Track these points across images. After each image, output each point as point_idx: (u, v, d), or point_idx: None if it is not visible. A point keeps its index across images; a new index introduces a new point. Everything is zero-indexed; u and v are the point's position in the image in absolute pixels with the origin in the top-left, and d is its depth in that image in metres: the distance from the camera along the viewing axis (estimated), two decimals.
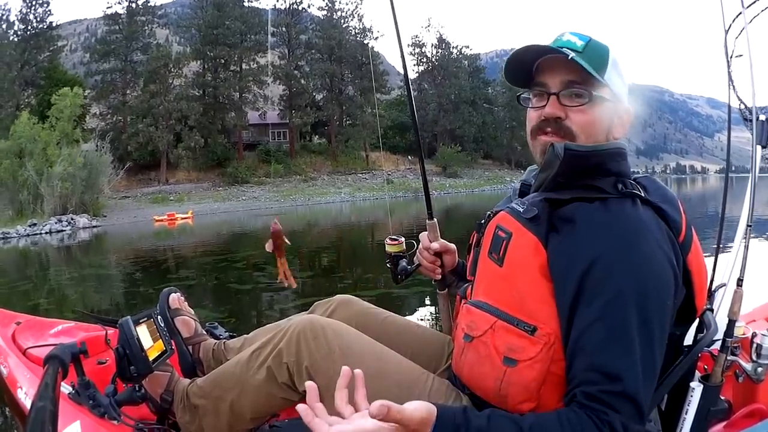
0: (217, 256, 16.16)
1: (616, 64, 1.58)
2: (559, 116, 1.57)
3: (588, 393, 1.31)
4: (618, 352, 1.30)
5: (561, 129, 1.57)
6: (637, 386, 1.28)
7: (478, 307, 1.58)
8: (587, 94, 1.54)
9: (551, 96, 1.58)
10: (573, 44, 1.57)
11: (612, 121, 1.57)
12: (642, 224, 1.40)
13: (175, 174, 64.42)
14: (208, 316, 7.08)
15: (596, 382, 1.30)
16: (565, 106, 1.57)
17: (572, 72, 1.54)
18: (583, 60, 1.52)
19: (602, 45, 1.59)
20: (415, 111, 2.47)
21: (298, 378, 1.89)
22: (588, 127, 1.55)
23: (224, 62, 70.63)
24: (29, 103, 59.91)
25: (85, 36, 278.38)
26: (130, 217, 41.98)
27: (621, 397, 1.27)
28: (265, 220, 32.59)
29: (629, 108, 1.60)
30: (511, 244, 1.51)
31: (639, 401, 1.27)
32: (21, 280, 12.91)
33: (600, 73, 1.53)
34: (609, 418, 1.26)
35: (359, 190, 63.76)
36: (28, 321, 3.10)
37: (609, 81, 1.54)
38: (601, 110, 1.55)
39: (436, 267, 2.27)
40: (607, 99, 1.55)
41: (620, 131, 1.60)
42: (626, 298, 1.32)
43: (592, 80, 1.53)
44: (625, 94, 1.60)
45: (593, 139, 1.56)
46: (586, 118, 1.55)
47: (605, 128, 1.57)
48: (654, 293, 1.34)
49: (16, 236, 29.77)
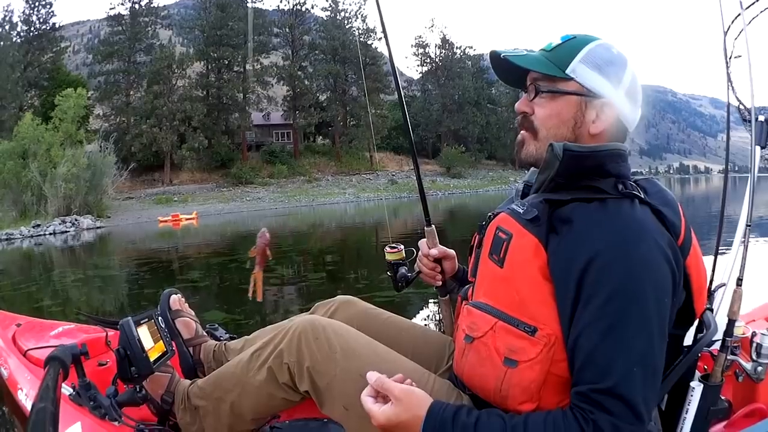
0: (223, 257, 16.16)
1: (595, 57, 1.57)
2: (525, 111, 1.63)
3: (579, 392, 1.32)
4: (613, 351, 1.30)
5: (527, 123, 1.63)
6: (631, 385, 1.28)
7: (479, 308, 1.58)
8: (537, 88, 1.59)
9: (524, 94, 1.65)
10: (549, 45, 1.64)
11: (580, 115, 1.57)
12: (639, 223, 1.39)
13: (179, 175, 64.53)
14: (212, 318, 7.08)
15: (588, 381, 1.31)
16: (531, 103, 1.62)
17: (533, 70, 1.60)
18: (545, 58, 1.60)
19: (583, 41, 1.60)
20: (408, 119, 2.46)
21: (299, 379, 1.90)
22: (547, 120, 1.59)
23: (228, 63, 70.67)
24: (32, 105, 60.14)
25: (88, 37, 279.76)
26: (134, 218, 41.97)
27: (611, 396, 1.27)
28: (269, 221, 32.74)
29: (612, 103, 1.57)
30: (512, 245, 1.51)
31: (632, 400, 1.27)
32: (25, 282, 12.86)
33: (560, 67, 1.56)
34: (595, 417, 1.27)
35: (363, 191, 63.73)
36: (29, 323, 3.10)
37: (574, 74, 1.55)
38: (563, 104, 1.57)
39: (437, 274, 2.27)
40: (572, 92, 1.56)
41: (599, 126, 1.57)
42: (623, 298, 1.32)
43: (551, 76, 1.57)
44: (612, 89, 1.57)
45: (555, 132, 1.58)
46: (544, 111, 1.59)
47: (568, 122, 1.58)
48: (652, 291, 1.34)
49: (20, 237, 29.76)
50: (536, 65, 1.58)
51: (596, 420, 1.26)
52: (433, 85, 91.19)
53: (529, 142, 1.63)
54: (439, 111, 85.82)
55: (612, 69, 1.57)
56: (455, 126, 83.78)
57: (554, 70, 1.56)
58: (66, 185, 37.36)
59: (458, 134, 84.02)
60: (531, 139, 1.62)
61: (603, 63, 1.56)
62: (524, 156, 1.65)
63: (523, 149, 1.65)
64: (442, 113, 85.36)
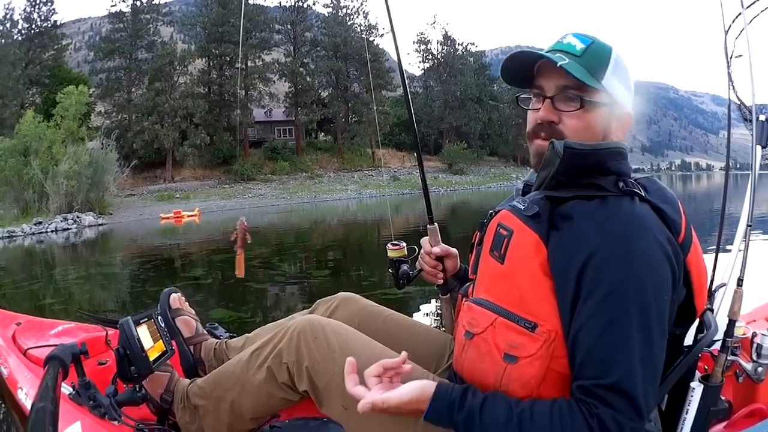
0: (225, 254, 16.14)
1: (618, 67, 1.56)
2: (553, 120, 1.57)
3: (582, 387, 1.32)
4: (613, 347, 1.31)
5: (554, 133, 1.57)
6: (632, 381, 1.29)
7: (479, 304, 1.57)
8: (581, 100, 1.53)
9: (546, 99, 1.58)
10: (572, 47, 1.56)
11: (609, 126, 1.56)
12: (639, 220, 1.39)
13: (181, 172, 64.64)
14: (217, 315, 7.11)
15: (591, 376, 1.32)
16: (559, 110, 1.56)
17: (567, 76, 1.51)
18: (579, 65, 1.51)
19: (604, 47, 1.57)
20: (413, 117, 2.46)
21: (298, 378, 1.90)
22: (580, 132, 1.54)
23: (229, 60, 70.74)
24: (34, 102, 60.31)
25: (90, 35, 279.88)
26: (136, 215, 42.01)
27: (614, 391, 1.28)
28: (271, 218, 32.75)
29: (630, 113, 1.58)
30: (512, 241, 1.51)
31: (635, 396, 1.28)
32: (27, 280, 12.86)
33: (597, 78, 1.52)
34: (599, 411, 1.28)
35: (366, 187, 63.90)
36: (29, 321, 3.09)
37: (607, 86, 1.52)
38: (596, 116, 1.54)
39: (438, 272, 2.26)
40: (604, 104, 1.53)
41: (619, 135, 1.58)
42: (622, 293, 1.32)
43: (587, 85, 1.51)
44: (627, 97, 1.58)
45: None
46: (579, 123, 1.54)
47: (599, 133, 1.55)
48: (651, 288, 1.34)
49: (22, 235, 29.77)
50: (581, 74, 1.50)
51: (600, 414, 1.27)
52: (435, 81, 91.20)
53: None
54: (441, 107, 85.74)
55: (626, 76, 1.59)
56: (457, 122, 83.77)
57: (592, 80, 1.51)
58: (68, 182, 37.35)
59: (460, 131, 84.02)
60: None
61: (623, 71, 1.57)
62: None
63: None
64: (444, 110, 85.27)
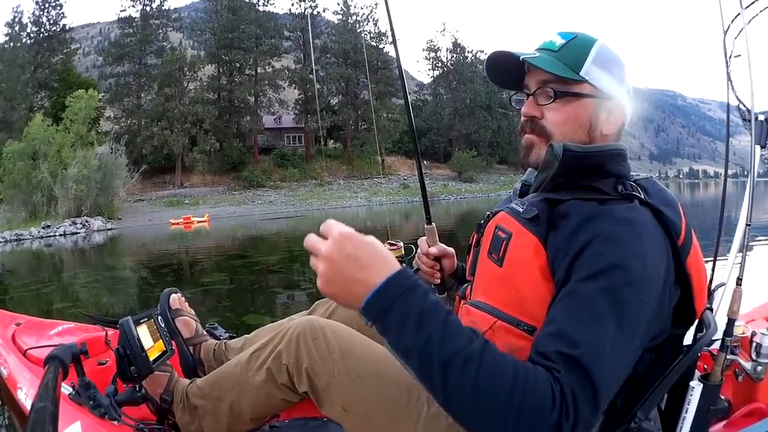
0: (235, 259, 16.16)
1: (602, 57, 1.55)
2: (535, 115, 1.58)
3: (543, 352, 1.24)
4: (582, 323, 1.24)
5: (537, 128, 1.59)
6: (596, 362, 1.20)
7: (478, 307, 1.56)
8: (556, 92, 1.54)
9: (529, 96, 1.61)
10: (552, 44, 1.58)
11: (596, 117, 1.55)
12: (636, 222, 1.37)
13: (190, 177, 64.85)
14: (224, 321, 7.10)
15: (554, 344, 1.23)
16: (540, 105, 1.58)
17: (546, 72, 1.54)
18: (554, 59, 1.54)
19: (587, 40, 1.58)
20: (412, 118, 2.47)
21: (298, 379, 1.90)
22: (562, 125, 1.55)
23: (239, 66, 71.02)
24: (42, 106, 60.61)
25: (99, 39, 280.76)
26: (145, 220, 42.18)
27: (575, 364, 1.19)
28: (281, 224, 32.72)
29: (622, 104, 1.57)
30: (511, 244, 1.49)
31: (594, 379, 1.18)
32: (35, 283, 12.89)
33: (574, 70, 1.52)
34: (561, 377, 1.18)
35: (375, 195, 63.68)
36: (28, 322, 3.11)
37: (588, 77, 1.53)
38: (578, 107, 1.54)
39: (435, 271, 2.26)
40: (587, 95, 1.53)
41: (610, 128, 1.56)
42: (609, 278, 1.27)
43: (565, 78, 1.52)
44: (617, 89, 1.57)
45: (570, 137, 1.55)
46: (559, 116, 1.55)
47: (584, 125, 1.55)
48: (636, 284, 1.29)
49: (30, 238, 29.94)
50: (552, 67, 1.52)
51: (560, 380, 1.17)
52: (445, 89, 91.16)
53: (540, 146, 1.59)
54: (451, 115, 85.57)
55: (616, 69, 1.57)
56: (467, 130, 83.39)
57: (568, 72, 1.52)
58: (77, 186, 37.56)
59: (470, 138, 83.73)
60: (542, 143, 1.59)
61: (610, 63, 1.56)
62: (534, 160, 1.61)
63: (533, 153, 1.61)
64: (453, 117, 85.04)
